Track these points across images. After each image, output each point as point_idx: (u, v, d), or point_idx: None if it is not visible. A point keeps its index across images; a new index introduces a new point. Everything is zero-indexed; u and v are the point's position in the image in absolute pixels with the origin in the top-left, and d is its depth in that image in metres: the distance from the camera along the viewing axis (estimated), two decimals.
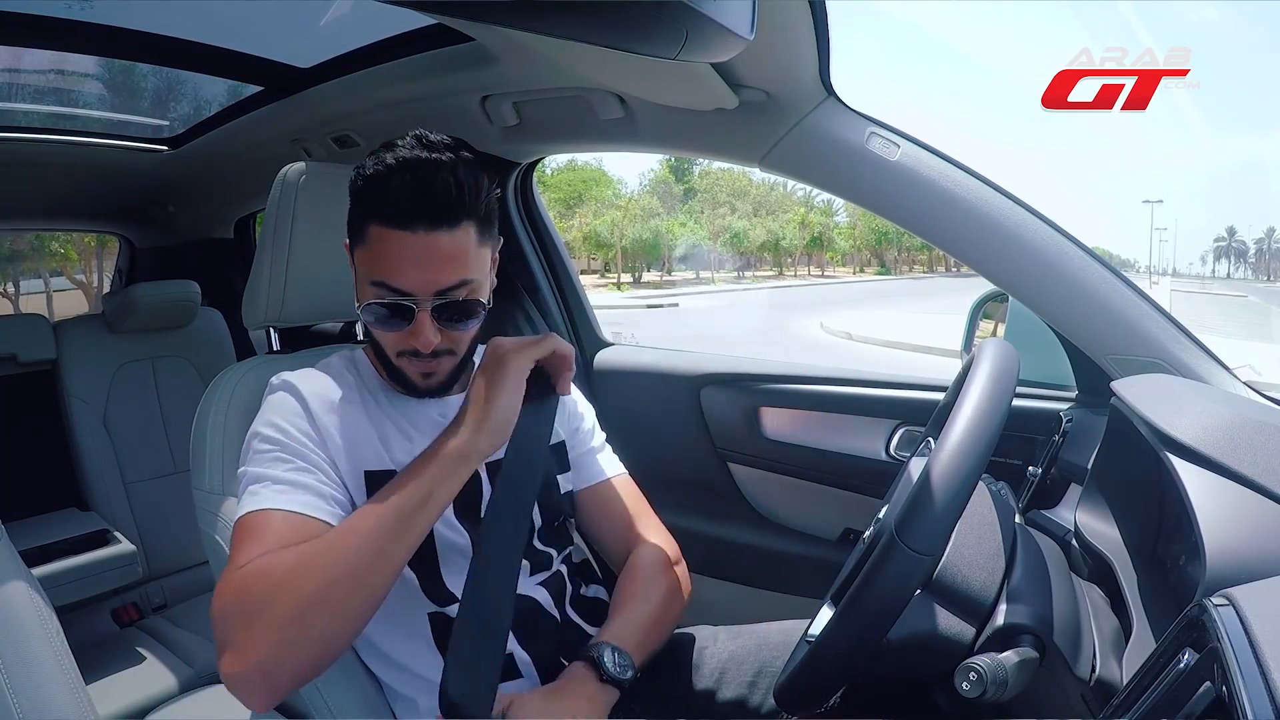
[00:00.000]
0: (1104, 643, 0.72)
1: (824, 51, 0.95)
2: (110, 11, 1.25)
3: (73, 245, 16.94)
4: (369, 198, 0.82)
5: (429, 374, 0.88)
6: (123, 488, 1.97)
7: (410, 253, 0.80)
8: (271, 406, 0.85)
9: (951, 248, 1.05)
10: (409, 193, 0.79)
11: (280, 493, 0.77)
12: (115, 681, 1.54)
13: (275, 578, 0.70)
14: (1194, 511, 0.64)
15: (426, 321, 0.83)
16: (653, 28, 0.55)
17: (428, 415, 0.93)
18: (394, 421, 0.90)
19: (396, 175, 0.80)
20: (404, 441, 0.90)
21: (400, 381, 0.90)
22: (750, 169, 1.39)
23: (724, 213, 43.53)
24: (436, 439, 0.77)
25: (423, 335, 0.83)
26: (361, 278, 0.84)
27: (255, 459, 0.80)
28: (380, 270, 0.81)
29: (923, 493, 0.64)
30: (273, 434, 0.81)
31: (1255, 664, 0.39)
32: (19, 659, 0.65)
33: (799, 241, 45.43)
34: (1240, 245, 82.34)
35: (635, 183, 49.07)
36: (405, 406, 0.92)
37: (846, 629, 0.65)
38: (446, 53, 1.17)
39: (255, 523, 0.75)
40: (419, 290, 0.81)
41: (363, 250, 0.83)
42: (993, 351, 0.75)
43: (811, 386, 1.41)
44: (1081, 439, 1.02)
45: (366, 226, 0.82)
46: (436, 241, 0.80)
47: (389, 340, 0.86)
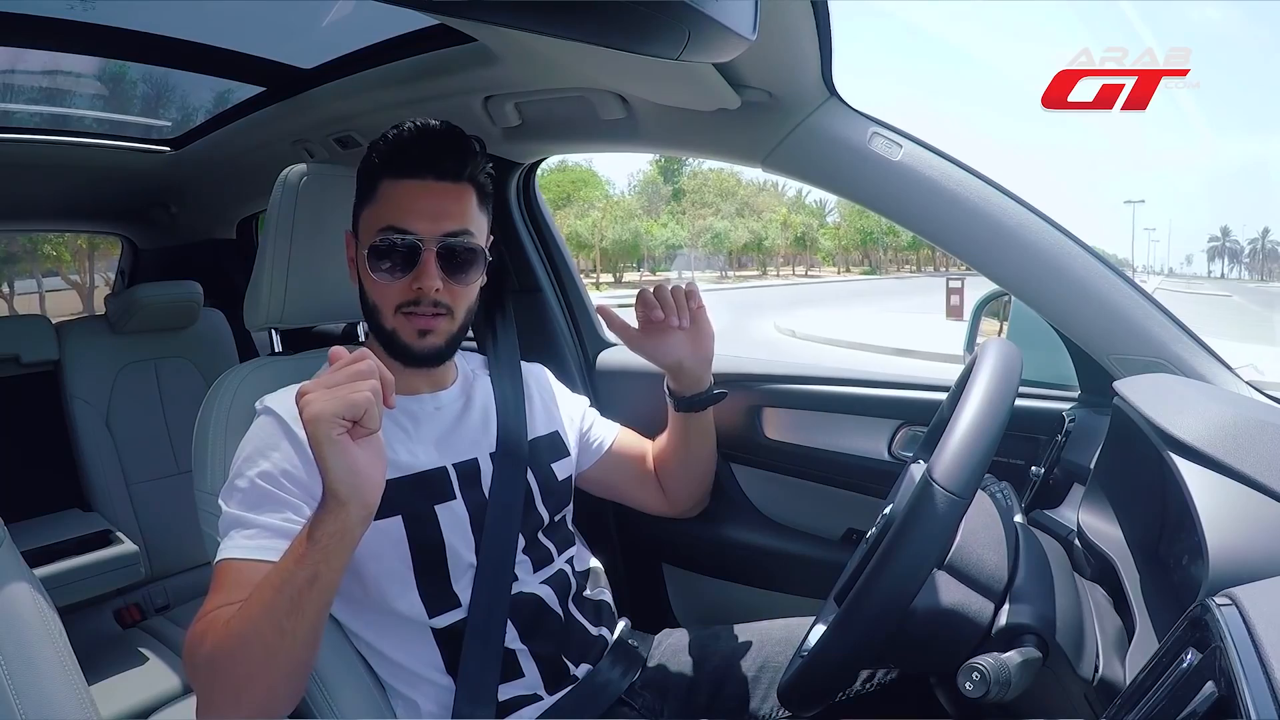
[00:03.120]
0: (1107, 642, 0.72)
1: (826, 52, 0.95)
2: (111, 12, 1.26)
3: (65, 247, 17.45)
4: (380, 161, 0.89)
5: (425, 331, 0.89)
6: (125, 488, 1.97)
7: (418, 197, 0.87)
8: (253, 438, 0.84)
9: (954, 248, 1.05)
10: (418, 147, 0.88)
11: (249, 538, 0.78)
12: (118, 682, 1.54)
13: (211, 651, 0.71)
14: (1197, 511, 0.64)
15: (432, 261, 0.87)
16: (655, 28, 0.55)
17: (425, 409, 0.95)
18: (394, 422, 0.91)
19: (407, 135, 0.89)
20: (404, 439, 0.91)
21: (394, 349, 0.90)
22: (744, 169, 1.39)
23: (706, 214, 43.94)
24: (311, 521, 0.71)
25: (428, 276, 0.86)
26: (368, 232, 0.88)
27: (234, 497, 0.81)
28: (388, 216, 0.86)
29: (953, 437, 0.65)
30: (250, 472, 0.81)
31: (1258, 663, 0.39)
32: (22, 660, 0.65)
33: (782, 242, 45.68)
34: (1234, 245, 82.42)
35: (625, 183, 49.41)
36: (402, 405, 0.92)
37: (886, 574, 0.64)
38: (449, 53, 1.17)
39: (223, 571, 0.77)
40: (425, 233, 0.86)
41: (371, 210, 0.89)
42: (996, 348, 0.75)
43: (813, 387, 1.41)
44: (1084, 439, 1.02)
45: (377, 186, 0.88)
46: (443, 189, 0.88)
47: (391, 291, 0.87)
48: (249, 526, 0.78)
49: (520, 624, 0.89)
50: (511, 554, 0.91)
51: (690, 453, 1.13)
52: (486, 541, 0.90)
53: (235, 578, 0.76)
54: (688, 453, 1.13)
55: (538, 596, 0.92)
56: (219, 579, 0.77)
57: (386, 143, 0.89)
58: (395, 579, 0.86)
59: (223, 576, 0.77)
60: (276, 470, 0.81)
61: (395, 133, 0.90)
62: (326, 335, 1.70)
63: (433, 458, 0.92)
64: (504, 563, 0.90)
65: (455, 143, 0.90)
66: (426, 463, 0.91)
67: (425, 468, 0.90)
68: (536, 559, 0.95)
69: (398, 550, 0.86)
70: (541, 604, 0.92)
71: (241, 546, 0.77)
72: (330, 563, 0.69)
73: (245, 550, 0.77)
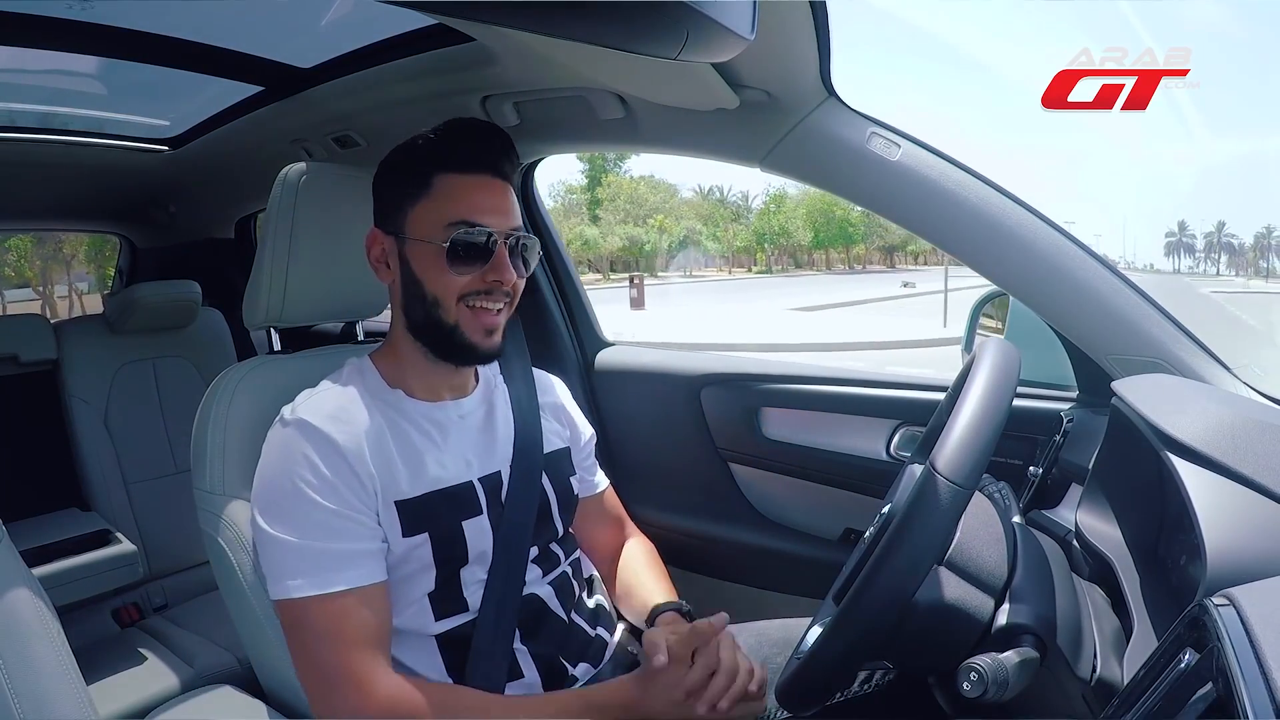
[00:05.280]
0: (1105, 643, 0.72)
1: (825, 52, 0.95)
2: (110, 11, 1.25)
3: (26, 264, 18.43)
4: (432, 153, 0.88)
5: (491, 330, 0.88)
6: (124, 488, 1.97)
7: (485, 192, 0.88)
8: (290, 457, 0.80)
9: (952, 247, 1.05)
10: (478, 144, 0.88)
11: (335, 570, 0.78)
12: (116, 682, 1.54)
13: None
14: (1195, 511, 0.64)
15: (505, 254, 0.87)
16: (653, 28, 0.55)
17: (449, 417, 0.93)
18: (420, 430, 0.89)
19: (462, 130, 0.89)
20: (433, 450, 0.89)
21: (450, 345, 0.89)
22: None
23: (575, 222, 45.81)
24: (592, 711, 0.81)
25: (506, 269, 0.86)
26: (429, 226, 0.86)
27: (287, 521, 0.78)
28: (457, 211, 0.85)
29: (955, 430, 0.65)
30: (299, 491, 0.79)
31: (1256, 664, 0.38)
32: (20, 659, 0.64)
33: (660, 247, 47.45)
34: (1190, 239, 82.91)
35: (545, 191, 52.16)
36: (426, 412, 0.90)
37: (888, 566, 0.64)
38: (447, 53, 1.17)
39: (325, 612, 0.77)
40: (496, 227, 0.86)
41: (428, 205, 0.87)
42: (994, 347, 0.75)
43: (812, 386, 1.41)
44: (1082, 439, 1.02)
45: (431, 178, 0.87)
46: (501, 187, 0.89)
47: (461, 282, 0.86)
48: (328, 555, 0.78)
49: (523, 625, 0.89)
50: (524, 565, 0.90)
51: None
52: (501, 554, 0.89)
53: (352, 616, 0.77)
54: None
55: (540, 598, 0.92)
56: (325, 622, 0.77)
57: (441, 138, 0.89)
58: (411, 592, 0.85)
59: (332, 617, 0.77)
60: (329, 486, 0.79)
61: (451, 129, 0.89)
62: (325, 334, 1.70)
63: (460, 471, 0.89)
64: (517, 573, 0.89)
65: (506, 144, 0.91)
66: (454, 477, 0.89)
67: (454, 483, 0.88)
68: (546, 567, 0.94)
69: (421, 567, 0.85)
70: (544, 606, 0.92)
71: (335, 578, 0.77)
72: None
73: (345, 580, 0.77)
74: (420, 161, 0.88)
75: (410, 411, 0.89)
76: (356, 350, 0.98)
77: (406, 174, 0.89)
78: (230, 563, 0.85)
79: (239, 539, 0.85)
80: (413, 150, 0.90)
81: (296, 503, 0.78)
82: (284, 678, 0.83)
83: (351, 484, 0.80)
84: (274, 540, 0.78)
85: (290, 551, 0.77)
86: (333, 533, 0.78)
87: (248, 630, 0.87)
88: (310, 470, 0.79)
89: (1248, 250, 77.99)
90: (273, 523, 0.78)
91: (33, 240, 18.80)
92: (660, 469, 1.49)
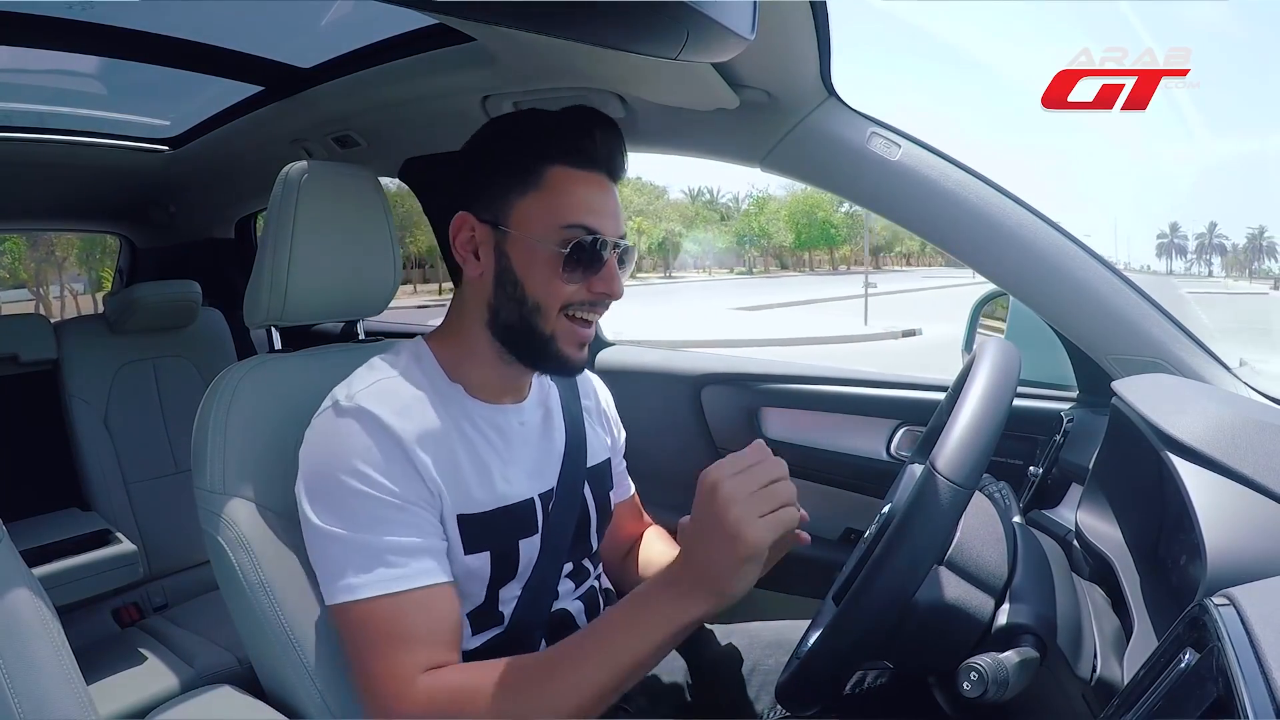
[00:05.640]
0: (1105, 643, 0.72)
1: (825, 52, 0.95)
2: (110, 11, 1.25)
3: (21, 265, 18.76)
4: (546, 138, 0.79)
5: (584, 343, 0.83)
6: (124, 487, 1.97)
7: (601, 194, 0.80)
8: (350, 446, 0.73)
9: (952, 247, 1.05)
10: (594, 137, 0.79)
11: (402, 566, 0.71)
12: (116, 682, 1.54)
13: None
14: (1195, 511, 0.64)
15: (614, 264, 0.81)
16: (653, 28, 0.55)
17: (510, 423, 0.86)
18: (485, 438, 0.83)
19: (581, 121, 0.80)
20: (498, 462, 0.83)
21: (542, 354, 0.82)
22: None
23: None
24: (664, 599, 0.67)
25: (616, 279, 0.80)
26: (539, 224, 0.78)
27: (347, 515, 0.72)
28: (576, 212, 0.78)
29: (955, 430, 0.65)
30: (359, 485, 0.72)
31: (1256, 664, 0.38)
32: (20, 659, 0.64)
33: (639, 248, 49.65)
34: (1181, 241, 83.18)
35: None
36: (489, 416, 0.84)
37: (889, 565, 0.63)
38: (447, 53, 1.17)
39: (388, 614, 0.70)
40: (610, 234, 0.79)
41: (539, 200, 0.79)
42: (994, 346, 0.75)
43: (812, 386, 1.41)
44: (1082, 439, 1.02)
45: (544, 170, 0.79)
46: (613, 190, 0.82)
47: (567, 291, 0.79)
48: (393, 552, 0.71)
49: (549, 640, 0.85)
50: (558, 580, 0.87)
51: None
52: (539, 570, 0.85)
53: (421, 615, 0.71)
54: None
55: (570, 614, 0.89)
56: (390, 624, 0.70)
57: (560, 126, 0.80)
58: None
59: (396, 619, 0.70)
60: (393, 482, 0.73)
61: (570, 117, 0.81)
62: (325, 333, 1.69)
63: (523, 487, 0.84)
64: (550, 588, 0.86)
65: (622, 142, 0.82)
66: (518, 493, 0.83)
67: (517, 499, 0.83)
68: (578, 581, 0.91)
69: (477, 586, 0.80)
70: (572, 621, 0.89)
71: (401, 579, 0.71)
72: (659, 654, 0.67)
73: (411, 579, 0.71)
74: (530, 146, 0.80)
75: (474, 414, 0.83)
76: (357, 350, 0.98)
77: (511, 157, 0.80)
78: (230, 562, 0.84)
79: (239, 538, 0.85)
80: (522, 133, 0.81)
81: (352, 495, 0.72)
82: (284, 678, 0.83)
83: (415, 483, 0.74)
84: (327, 535, 0.72)
85: (346, 547, 0.71)
86: (395, 526, 0.72)
87: (248, 630, 0.87)
88: (370, 462, 0.72)
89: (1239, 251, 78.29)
90: (325, 516, 0.72)
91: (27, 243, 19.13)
92: (660, 468, 1.49)
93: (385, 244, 1.02)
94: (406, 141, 1.49)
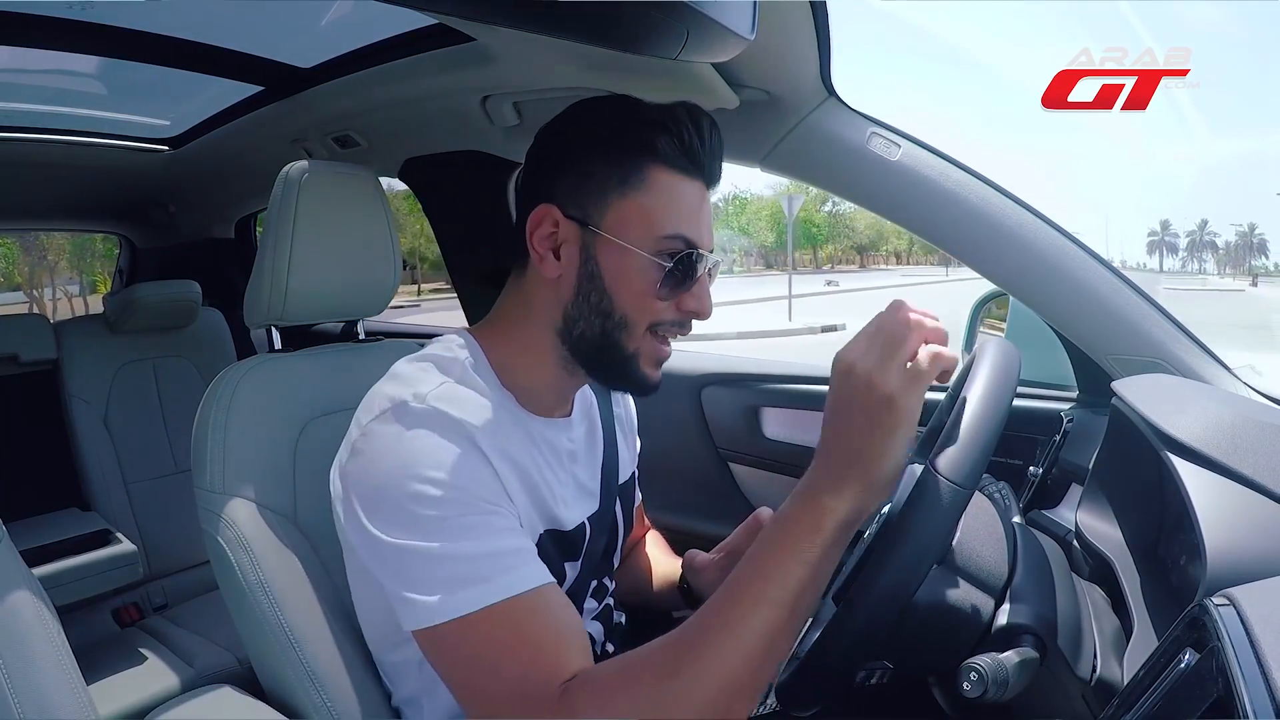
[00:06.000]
0: (1105, 643, 0.72)
1: (825, 51, 0.95)
2: (110, 11, 1.25)
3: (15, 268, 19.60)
4: (655, 134, 0.70)
5: (662, 363, 0.76)
6: (124, 487, 1.97)
7: (703, 204, 0.73)
8: (424, 453, 0.64)
9: (952, 247, 1.05)
10: (703, 140, 0.72)
11: (508, 572, 0.63)
12: (116, 682, 1.54)
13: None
14: (1195, 511, 0.64)
15: (707, 282, 0.75)
16: (653, 28, 0.55)
17: (562, 440, 0.80)
18: (543, 455, 0.76)
19: (691, 120, 0.71)
20: (557, 486, 0.76)
21: (618, 375, 0.75)
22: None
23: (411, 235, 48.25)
24: (808, 509, 0.59)
25: (708, 298, 0.74)
26: (636, 228, 0.70)
27: (429, 526, 0.62)
28: (681, 222, 0.71)
29: (955, 430, 0.64)
30: (439, 492, 0.62)
31: (1256, 664, 0.39)
32: (20, 659, 0.64)
33: None
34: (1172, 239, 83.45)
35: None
36: (542, 431, 0.77)
37: (889, 565, 0.62)
38: (447, 53, 1.17)
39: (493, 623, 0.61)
40: (707, 248, 0.73)
41: (639, 201, 0.70)
42: (994, 348, 0.75)
43: (813, 386, 1.41)
44: (1082, 439, 1.02)
45: (646, 169, 0.70)
46: (709, 199, 0.75)
47: (657, 308, 0.72)
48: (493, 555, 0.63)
49: None
50: (584, 600, 0.84)
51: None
52: (573, 593, 0.80)
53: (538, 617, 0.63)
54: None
55: (591, 636, 0.84)
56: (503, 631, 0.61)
57: (671, 122, 0.71)
58: None
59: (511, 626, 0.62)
60: (480, 486, 0.65)
61: (679, 114, 0.71)
62: (325, 333, 1.69)
63: (576, 511, 0.79)
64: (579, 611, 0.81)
65: (723, 149, 0.75)
66: (573, 519, 0.78)
67: (571, 525, 0.78)
68: (599, 599, 0.88)
69: None
70: (591, 642, 0.88)
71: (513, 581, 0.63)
72: (829, 562, 0.59)
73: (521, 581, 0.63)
74: (636, 140, 0.71)
75: (530, 428, 0.76)
76: (358, 350, 0.98)
77: (614, 151, 0.71)
78: (230, 562, 0.84)
79: (239, 538, 0.85)
80: (624, 124, 0.72)
81: (435, 504, 0.62)
82: (284, 678, 0.83)
83: (500, 491, 0.67)
84: (408, 551, 0.62)
85: (440, 559, 0.62)
86: (493, 531, 0.64)
87: (248, 630, 0.86)
88: (454, 468, 0.63)
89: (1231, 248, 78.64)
90: (401, 532, 0.62)
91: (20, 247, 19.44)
92: (660, 468, 1.49)
93: (385, 244, 1.02)
94: (406, 141, 1.49)
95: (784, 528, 0.60)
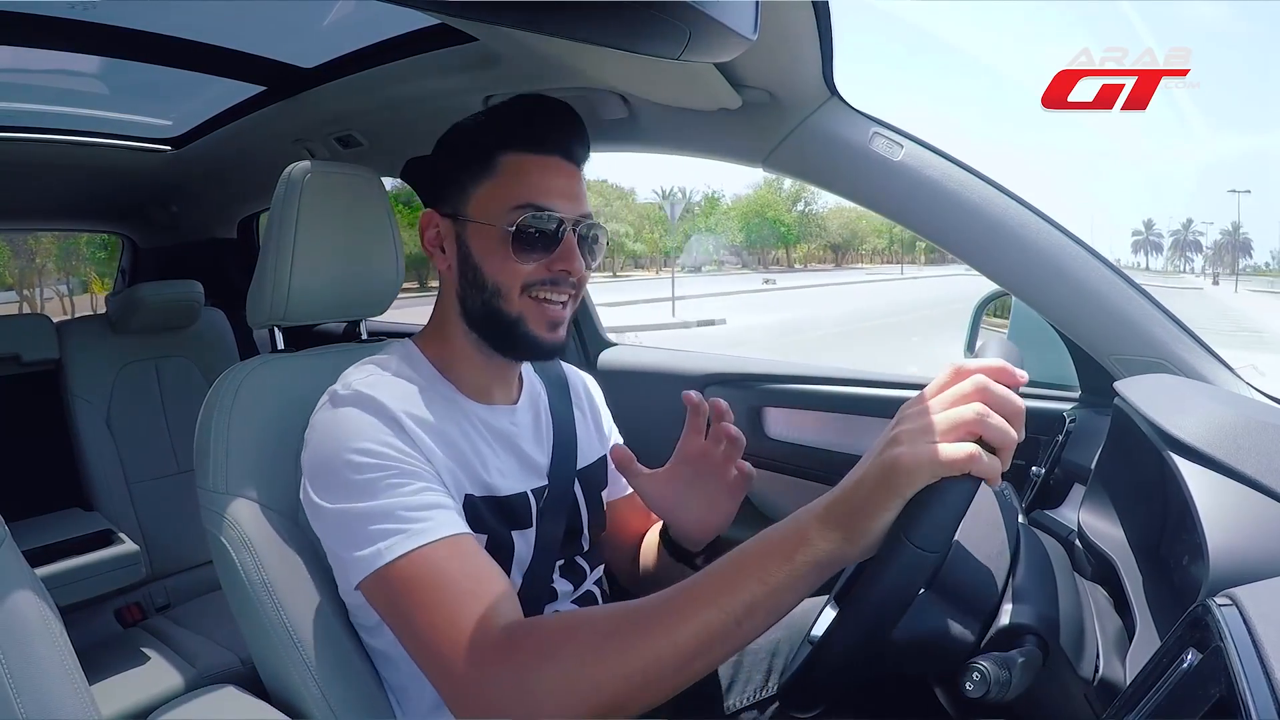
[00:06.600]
0: (1107, 643, 0.72)
1: (827, 52, 0.95)
2: (112, 11, 1.25)
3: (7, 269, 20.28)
4: (498, 128, 0.82)
5: (556, 323, 0.83)
6: (126, 488, 1.98)
7: (555, 175, 0.82)
8: (352, 429, 0.73)
9: (954, 247, 1.05)
10: (549, 124, 0.82)
11: (425, 520, 0.70)
12: (119, 682, 1.54)
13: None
14: (1197, 512, 0.64)
15: (574, 243, 0.82)
16: (656, 28, 0.55)
17: (503, 423, 0.88)
18: (478, 432, 0.84)
19: (531, 105, 0.83)
20: (494, 458, 0.84)
21: (511, 339, 0.83)
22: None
23: None
24: (788, 536, 0.60)
25: (574, 257, 0.81)
26: (493, 209, 0.80)
27: (360, 489, 0.71)
28: (525, 194, 0.80)
29: (927, 490, 0.64)
30: (366, 460, 0.71)
31: (1259, 664, 0.38)
32: (22, 659, 0.65)
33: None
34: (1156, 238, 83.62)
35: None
36: (483, 416, 0.86)
37: (850, 627, 0.64)
38: (450, 53, 1.17)
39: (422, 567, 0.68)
40: (566, 213, 0.81)
41: (493, 186, 0.81)
42: (996, 347, 0.75)
43: (815, 386, 1.41)
44: (1085, 439, 1.02)
45: (496, 157, 0.81)
46: (571, 171, 0.83)
47: (525, 271, 0.80)
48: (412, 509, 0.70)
49: None
50: (551, 575, 0.88)
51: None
52: (533, 569, 0.86)
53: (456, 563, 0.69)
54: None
55: None
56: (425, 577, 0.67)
57: (510, 114, 0.83)
58: None
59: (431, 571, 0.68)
60: (401, 453, 0.73)
61: (520, 105, 0.83)
62: (327, 334, 1.70)
63: (516, 482, 0.86)
64: (545, 584, 0.87)
65: (579, 124, 0.84)
66: (511, 487, 0.85)
67: (510, 492, 0.85)
68: (574, 581, 0.92)
69: None
70: None
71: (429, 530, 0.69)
72: (796, 593, 0.59)
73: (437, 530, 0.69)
74: (485, 138, 0.83)
75: (468, 411, 0.85)
76: (360, 350, 0.98)
77: (469, 150, 0.83)
78: (233, 562, 0.85)
79: (242, 538, 0.85)
80: (476, 125, 0.84)
81: (360, 469, 0.71)
82: (287, 678, 0.83)
83: (419, 457, 0.74)
84: (339, 514, 0.71)
85: (361, 517, 0.70)
86: (408, 487, 0.71)
87: (250, 630, 0.87)
88: (374, 438, 0.72)
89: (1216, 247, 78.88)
90: (334, 497, 0.72)
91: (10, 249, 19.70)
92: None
93: (387, 244, 1.03)
94: (409, 141, 1.49)
95: (762, 544, 0.61)
